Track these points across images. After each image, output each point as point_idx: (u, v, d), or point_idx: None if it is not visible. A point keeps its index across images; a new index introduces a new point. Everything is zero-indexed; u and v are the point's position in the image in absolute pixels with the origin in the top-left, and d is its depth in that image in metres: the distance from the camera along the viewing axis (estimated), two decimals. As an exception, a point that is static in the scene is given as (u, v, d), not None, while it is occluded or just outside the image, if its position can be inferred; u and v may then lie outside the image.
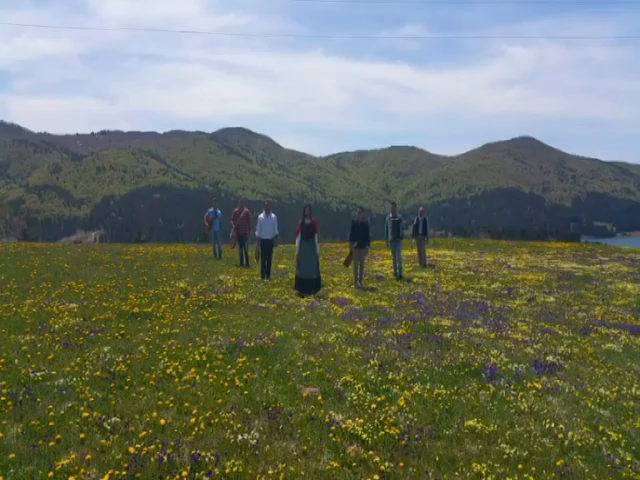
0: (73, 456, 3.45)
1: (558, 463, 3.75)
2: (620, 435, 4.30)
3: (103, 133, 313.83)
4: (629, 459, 3.93)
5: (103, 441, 3.68)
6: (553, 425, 4.40)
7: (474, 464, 3.67)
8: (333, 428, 4.07)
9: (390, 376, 5.38)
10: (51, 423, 3.88)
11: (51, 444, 3.56)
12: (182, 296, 9.16)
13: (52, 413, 4.06)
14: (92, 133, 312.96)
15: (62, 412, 4.12)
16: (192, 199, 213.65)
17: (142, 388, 4.71)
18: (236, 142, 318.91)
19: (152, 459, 3.43)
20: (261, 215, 11.88)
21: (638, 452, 4.06)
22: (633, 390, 5.41)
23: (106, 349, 5.86)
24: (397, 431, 4.07)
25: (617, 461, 3.88)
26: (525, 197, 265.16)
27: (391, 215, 13.46)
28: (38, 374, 4.91)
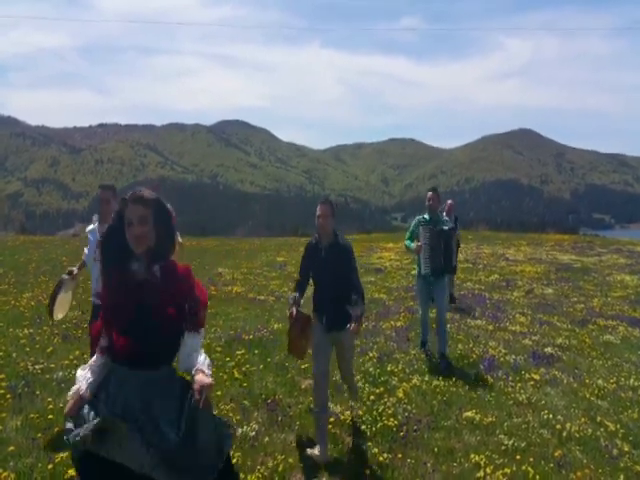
0: (72, 449, 3.45)
1: (556, 454, 3.77)
2: (618, 426, 4.32)
3: (101, 126, 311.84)
4: (627, 449, 3.95)
5: (102, 434, 3.69)
6: (551, 416, 4.42)
7: (472, 455, 3.68)
8: (332, 420, 4.07)
9: (389, 368, 5.40)
10: (50, 416, 3.88)
11: (50, 437, 3.56)
12: (181, 289, 9.15)
13: (51, 406, 4.06)
14: (90, 126, 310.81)
15: (61, 405, 4.11)
16: (190, 192, 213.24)
17: (141, 381, 4.71)
18: (234, 135, 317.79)
19: (151, 451, 3.43)
20: (90, 227, 4.38)
21: (636, 442, 4.08)
22: (631, 381, 5.43)
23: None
24: (395, 422, 4.08)
25: (615, 451, 3.90)
26: (524, 189, 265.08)
27: (427, 216, 5.90)
28: (37, 367, 4.91)
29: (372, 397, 4.58)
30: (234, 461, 3.39)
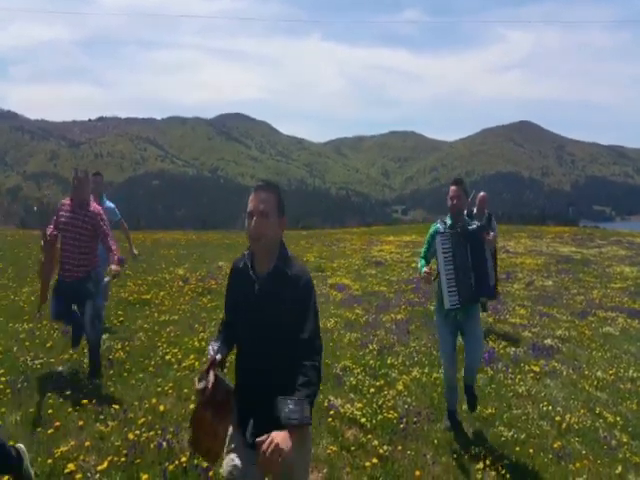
0: (72, 443, 3.46)
1: (555, 445, 3.77)
2: (617, 417, 4.33)
3: (101, 120, 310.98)
4: (625, 440, 3.96)
5: (102, 428, 3.69)
6: (551, 408, 4.43)
7: (472, 446, 3.69)
8: (332, 413, 4.08)
9: (389, 361, 5.40)
10: (50, 410, 3.88)
11: (50, 431, 3.57)
12: (181, 283, 9.15)
13: (51, 401, 4.06)
14: (89, 120, 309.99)
15: (61, 400, 4.12)
16: (191, 185, 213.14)
17: (141, 375, 4.72)
18: (235, 128, 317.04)
19: (151, 445, 3.44)
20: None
21: (634, 433, 4.09)
22: (630, 372, 5.44)
23: (105, 336, 5.84)
24: (395, 415, 4.09)
25: (614, 442, 3.91)
26: (524, 182, 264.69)
27: (449, 221, 3.98)
28: (37, 362, 4.91)
29: (372, 390, 4.59)
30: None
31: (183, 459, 3.28)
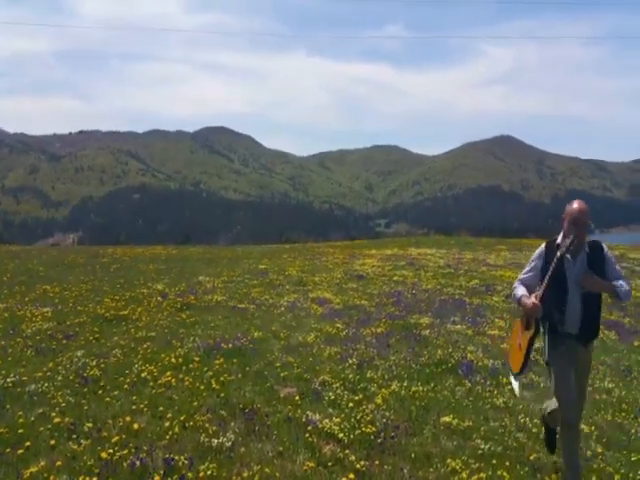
0: (43, 463, 3.38)
1: (532, 457, 3.80)
2: (592, 427, 4.38)
3: (81, 133, 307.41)
4: (600, 451, 4.01)
5: (74, 447, 3.61)
6: (528, 420, 4.47)
7: (449, 460, 3.70)
8: (310, 428, 4.06)
9: (368, 375, 5.40)
10: (20, 430, 3.79)
11: (20, 452, 3.48)
12: (159, 298, 9.04)
13: (22, 420, 3.97)
14: (70, 133, 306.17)
15: (32, 419, 4.03)
16: (173, 199, 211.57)
17: (116, 392, 4.64)
18: (218, 142, 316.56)
19: (124, 464, 3.38)
20: None
21: (609, 444, 4.15)
22: (605, 383, 5.52)
23: (80, 353, 5.76)
24: (373, 429, 4.08)
25: (589, 453, 3.96)
26: (505, 195, 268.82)
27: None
28: (8, 380, 4.80)
29: (351, 404, 4.58)
30: (209, 473, 3.35)
31: (157, 478, 3.22)
